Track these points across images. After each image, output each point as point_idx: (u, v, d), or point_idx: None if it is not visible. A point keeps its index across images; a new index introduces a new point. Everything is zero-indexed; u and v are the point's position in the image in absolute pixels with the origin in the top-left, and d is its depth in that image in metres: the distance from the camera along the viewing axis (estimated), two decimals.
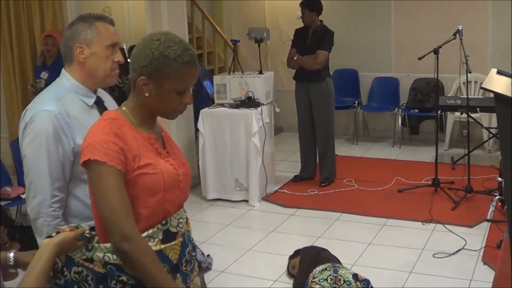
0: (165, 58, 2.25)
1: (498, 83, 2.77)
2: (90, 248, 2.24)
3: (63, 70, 2.84)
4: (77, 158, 2.55)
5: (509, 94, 2.54)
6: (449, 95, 8.62)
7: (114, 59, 2.78)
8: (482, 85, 2.53)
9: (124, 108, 2.38)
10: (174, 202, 2.37)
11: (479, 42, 8.80)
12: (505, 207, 5.23)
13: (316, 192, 7.10)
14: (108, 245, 2.24)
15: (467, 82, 6.79)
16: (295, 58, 7.09)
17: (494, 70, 2.93)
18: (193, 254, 2.48)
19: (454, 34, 6.69)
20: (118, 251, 2.21)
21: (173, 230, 2.35)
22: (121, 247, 2.19)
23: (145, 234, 2.27)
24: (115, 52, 2.79)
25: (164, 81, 2.27)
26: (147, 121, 2.38)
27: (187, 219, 2.49)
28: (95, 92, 2.87)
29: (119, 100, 2.80)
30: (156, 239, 2.29)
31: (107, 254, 2.23)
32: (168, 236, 2.33)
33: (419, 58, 6.72)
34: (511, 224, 2.86)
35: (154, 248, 2.27)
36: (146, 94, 2.30)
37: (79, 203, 2.76)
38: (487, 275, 4.88)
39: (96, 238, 2.30)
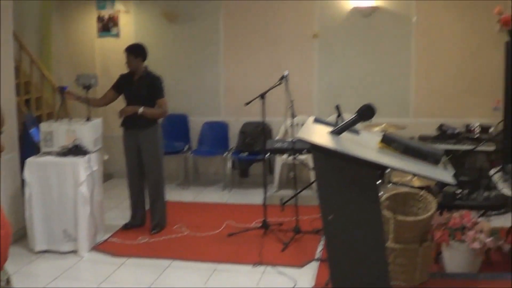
0: None
1: (314, 131, 2.87)
2: None
3: None
4: None
5: (324, 143, 2.64)
6: (277, 138, 8.88)
7: None
8: (298, 135, 2.61)
9: None
10: None
11: (305, 86, 9.25)
12: None
13: (147, 240, 6.98)
14: None
15: (293, 126, 7.01)
16: (140, 110, 7.01)
17: (311, 119, 3.04)
18: None
19: (280, 79, 6.90)
20: None
21: None
22: None
23: None
24: None
25: None
26: None
27: (7, 280, 2.38)
28: None
29: None
30: None
31: None
32: None
33: (246, 104, 6.88)
34: (331, 263, 2.95)
35: None
36: None
37: None
38: None
39: None
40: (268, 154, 7.98)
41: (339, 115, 6.45)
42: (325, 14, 9.37)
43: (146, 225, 7.35)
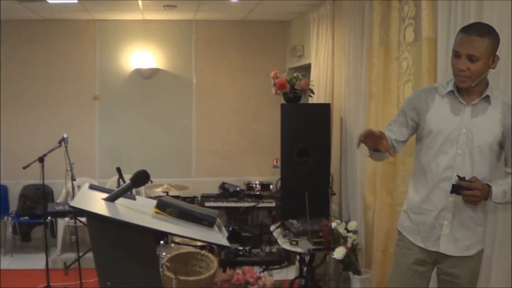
0: None
1: (89, 198, 2.85)
2: None
3: None
4: None
5: (98, 210, 2.63)
6: (58, 200, 8.69)
7: None
8: (71, 203, 2.58)
9: None
10: None
11: (87, 147, 9.19)
12: None
13: None
14: None
15: (73, 188, 6.92)
16: None
17: (86, 185, 3.01)
18: None
19: (60, 142, 6.84)
20: None
21: None
22: None
23: None
24: None
25: None
26: None
27: None
28: None
29: None
30: None
31: None
32: None
33: (24, 168, 6.72)
34: None
35: None
36: None
37: None
38: None
39: None
40: (50, 217, 7.77)
41: (120, 177, 6.47)
42: (106, 76, 9.45)
43: None
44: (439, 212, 3.61)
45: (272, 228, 6.67)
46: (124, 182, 6.43)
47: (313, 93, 7.11)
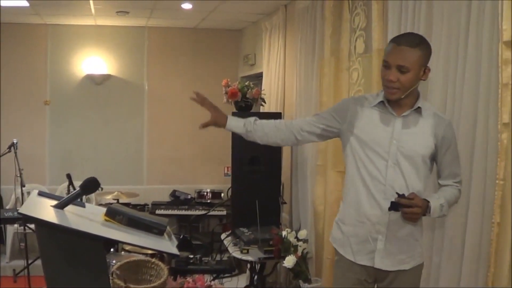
0: None
1: (38, 205, 2.82)
2: None
3: None
4: None
5: (46, 217, 2.60)
6: (8, 207, 8.58)
7: None
8: (20, 210, 2.55)
9: None
10: None
11: (37, 153, 9.07)
12: None
13: None
14: None
15: (22, 195, 6.84)
16: None
17: (35, 192, 2.98)
18: None
19: (9, 147, 6.78)
20: None
21: None
22: None
23: None
24: None
25: None
26: None
27: None
28: None
29: None
30: None
31: None
32: None
33: None
34: None
35: None
36: None
37: None
38: None
39: None
40: None
41: (70, 184, 6.41)
42: (57, 81, 9.36)
43: None
44: (373, 225, 3.46)
45: (223, 236, 6.67)
46: (74, 189, 6.36)
47: (264, 102, 7.14)
